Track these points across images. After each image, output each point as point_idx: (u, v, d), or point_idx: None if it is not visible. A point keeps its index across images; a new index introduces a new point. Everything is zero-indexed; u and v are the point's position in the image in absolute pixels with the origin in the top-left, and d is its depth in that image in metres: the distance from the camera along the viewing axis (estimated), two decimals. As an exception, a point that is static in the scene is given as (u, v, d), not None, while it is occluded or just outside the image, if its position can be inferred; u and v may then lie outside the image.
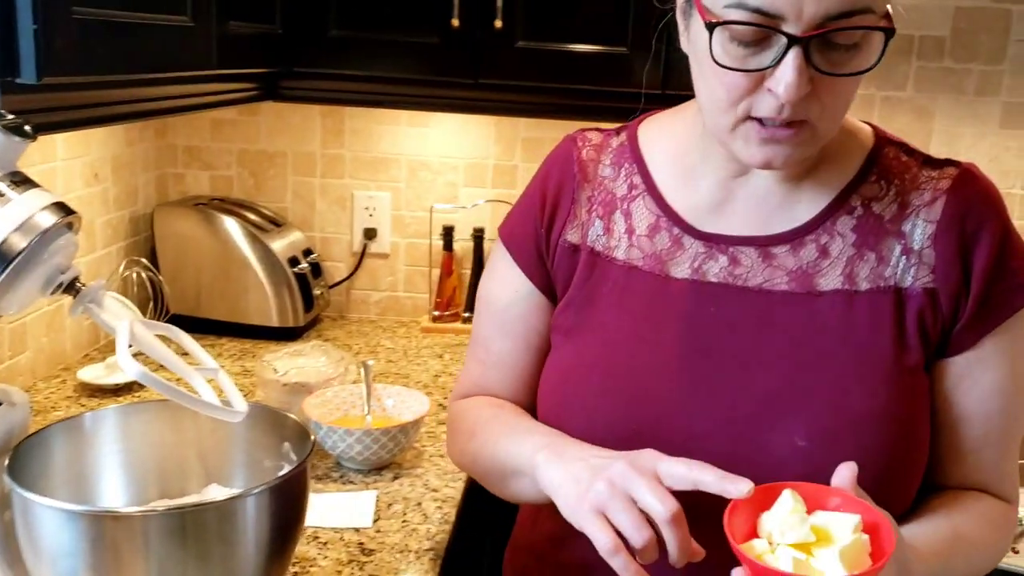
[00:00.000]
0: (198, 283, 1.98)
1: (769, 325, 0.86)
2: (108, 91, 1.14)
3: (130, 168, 1.99)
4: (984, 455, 0.90)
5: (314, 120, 2.14)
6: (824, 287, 0.85)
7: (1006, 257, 0.85)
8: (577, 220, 0.96)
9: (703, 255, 0.89)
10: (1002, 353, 0.87)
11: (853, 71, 0.77)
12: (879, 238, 0.86)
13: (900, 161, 0.88)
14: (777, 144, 0.80)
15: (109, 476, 0.94)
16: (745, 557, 0.70)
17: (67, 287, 0.86)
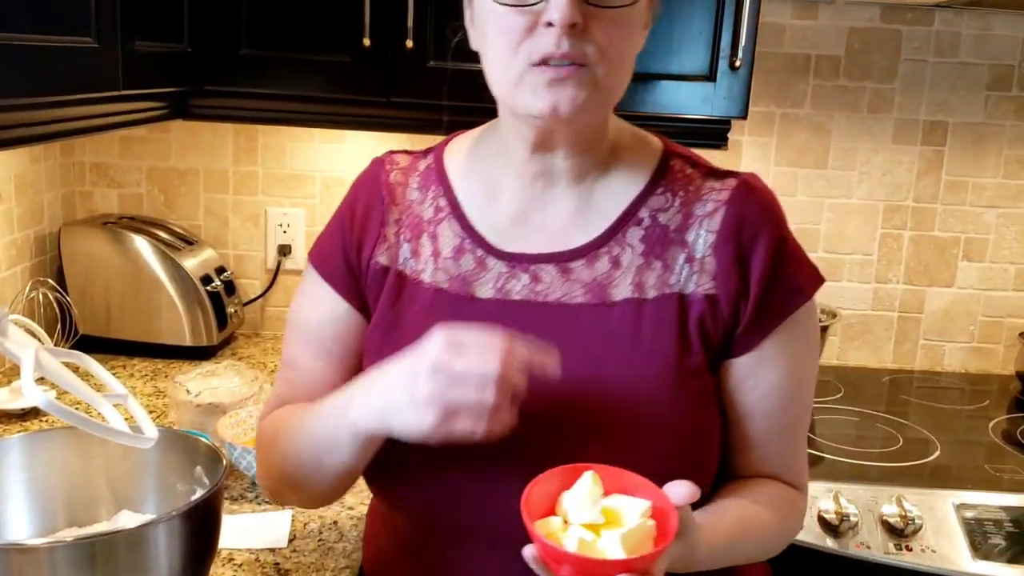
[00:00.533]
0: (108, 303, 1.95)
1: (569, 338, 0.87)
2: (11, 114, 1.12)
3: (35, 187, 1.95)
4: (771, 448, 0.95)
5: (227, 137, 2.13)
6: (616, 297, 0.89)
7: (781, 263, 0.90)
8: (387, 243, 0.97)
9: (506, 274, 0.92)
10: (781, 353, 0.92)
11: (615, 4, 0.83)
12: (665, 247, 0.90)
13: (685, 173, 0.93)
14: (561, 86, 0.83)
15: (15, 506, 0.93)
16: (534, 534, 0.73)
17: (-31, 317, 0.85)
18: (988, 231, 2.18)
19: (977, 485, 1.56)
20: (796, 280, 0.92)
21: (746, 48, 1.64)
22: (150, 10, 1.47)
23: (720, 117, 1.70)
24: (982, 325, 2.23)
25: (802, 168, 2.15)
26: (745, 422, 0.94)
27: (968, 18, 2.08)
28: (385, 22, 1.66)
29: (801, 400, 0.97)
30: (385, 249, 0.97)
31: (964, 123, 2.13)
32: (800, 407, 0.97)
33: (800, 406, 0.97)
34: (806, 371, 0.97)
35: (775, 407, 0.94)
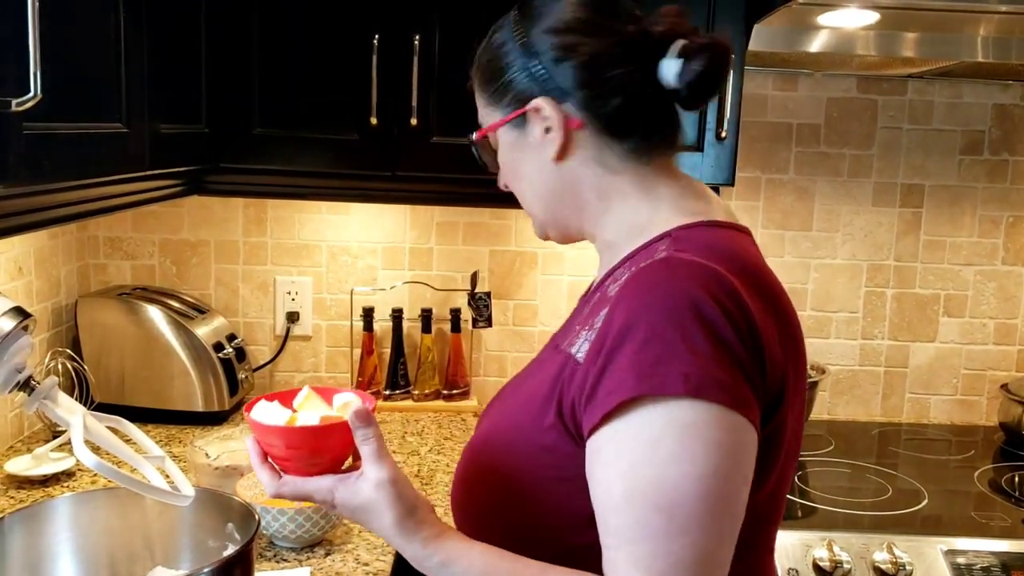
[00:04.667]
0: (122, 371, 2.01)
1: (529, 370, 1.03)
2: (51, 196, 1.21)
3: (52, 260, 2.03)
4: (610, 554, 0.81)
5: (237, 210, 2.22)
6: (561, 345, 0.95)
7: (626, 351, 0.80)
8: None
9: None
10: (612, 449, 0.81)
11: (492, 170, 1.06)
12: (596, 310, 0.89)
13: (655, 249, 0.90)
14: None
15: (63, 562, 0.99)
16: (250, 420, 0.93)
17: (23, 384, 0.92)
18: (966, 288, 2.28)
19: (965, 532, 1.62)
20: (629, 376, 0.79)
21: (731, 120, 1.75)
22: (172, 93, 1.57)
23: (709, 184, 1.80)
24: (964, 378, 2.31)
25: (788, 230, 2.25)
26: (598, 517, 0.83)
27: (939, 87, 2.20)
28: (391, 102, 1.77)
29: (638, 518, 0.79)
30: None
31: (939, 185, 2.24)
32: (637, 525, 0.79)
33: (637, 524, 0.79)
34: (648, 487, 0.78)
35: (602, 507, 0.82)
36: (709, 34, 0.93)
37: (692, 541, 0.78)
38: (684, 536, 0.77)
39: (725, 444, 0.79)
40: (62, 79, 1.13)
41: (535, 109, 0.94)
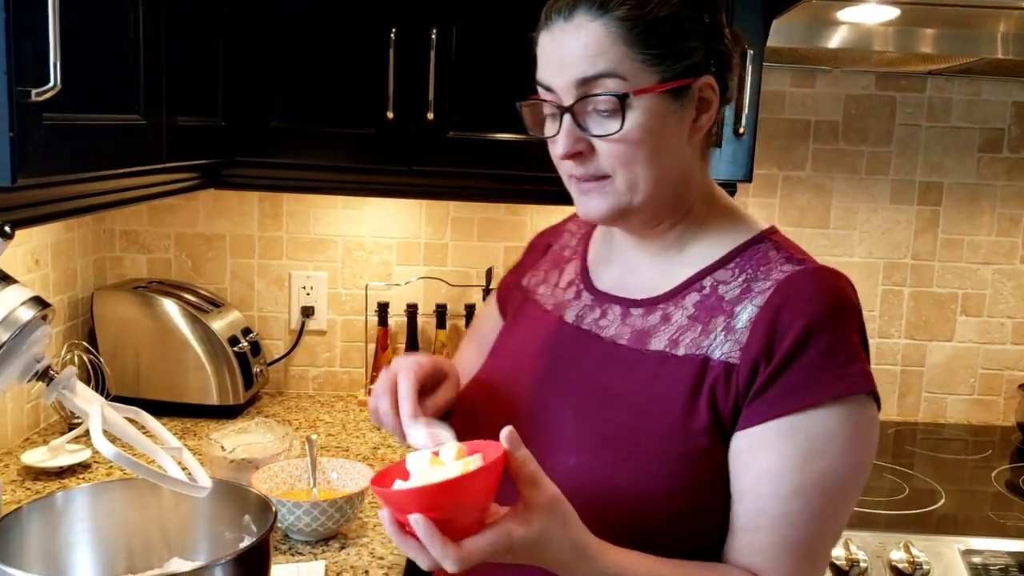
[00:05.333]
0: (138, 364, 2.02)
1: (604, 369, 0.97)
2: (69, 187, 1.21)
3: (68, 253, 2.04)
4: (757, 539, 0.89)
5: (252, 204, 2.22)
6: (652, 347, 0.95)
7: (810, 352, 0.87)
8: (534, 271, 1.16)
9: (587, 306, 1.04)
10: (786, 443, 0.88)
11: (608, 133, 0.90)
12: (712, 314, 0.93)
13: (765, 256, 0.95)
14: (587, 197, 0.95)
15: (80, 552, 0.99)
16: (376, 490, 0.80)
17: (41, 374, 0.93)
18: (985, 286, 2.26)
19: (982, 532, 1.61)
20: (822, 376, 0.87)
21: (749, 116, 1.74)
22: (190, 86, 1.57)
23: (726, 180, 1.79)
24: (982, 378, 2.29)
25: (805, 228, 2.24)
26: (736, 504, 0.91)
27: (959, 84, 2.18)
28: (408, 97, 1.76)
29: (806, 504, 0.88)
30: (530, 275, 1.16)
31: (958, 183, 2.22)
32: (803, 510, 0.88)
33: (804, 509, 0.88)
34: (820, 477, 0.88)
35: (765, 495, 0.88)
36: None
37: (838, 523, 0.91)
38: (834, 519, 0.91)
39: (876, 437, 0.92)
40: (81, 70, 1.13)
41: (707, 85, 0.92)
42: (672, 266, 1.00)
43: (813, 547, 0.90)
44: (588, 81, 0.89)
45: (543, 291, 1.12)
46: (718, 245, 0.98)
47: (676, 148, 0.93)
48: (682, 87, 0.91)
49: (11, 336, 0.86)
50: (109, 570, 0.99)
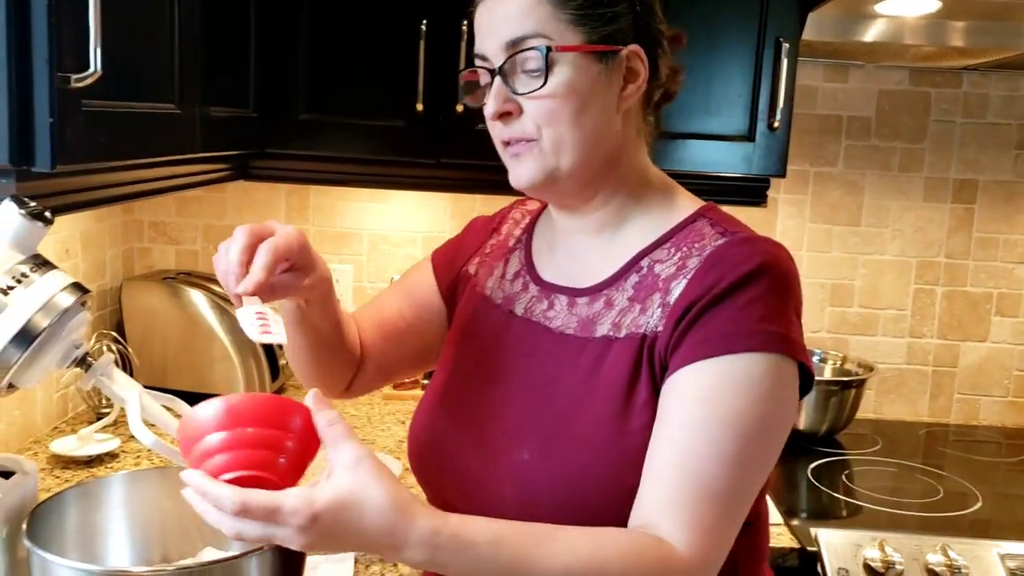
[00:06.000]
0: (165, 354, 2.02)
1: (552, 360, 0.98)
2: (103, 175, 1.21)
3: (98, 243, 2.04)
4: (658, 487, 0.85)
5: (279, 197, 2.22)
6: (597, 333, 0.96)
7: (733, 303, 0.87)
8: (479, 258, 1.15)
9: (535, 298, 1.04)
10: (702, 392, 0.86)
11: (533, 89, 0.91)
12: (649, 293, 0.94)
13: (700, 232, 0.96)
14: (517, 162, 0.95)
15: (116, 539, 0.99)
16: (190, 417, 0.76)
17: (79, 361, 0.92)
18: (1020, 286, 2.22)
19: (1021, 536, 1.58)
20: (744, 326, 0.87)
21: (784, 109, 1.72)
22: (222, 77, 1.57)
23: (759, 175, 1.77)
24: (1017, 380, 2.26)
25: (836, 225, 2.21)
26: (650, 449, 0.88)
27: (995, 80, 2.15)
28: (437, 88, 1.75)
29: (717, 456, 0.84)
30: (476, 263, 1.14)
31: (993, 181, 2.19)
32: (713, 463, 0.84)
33: (714, 462, 0.84)
34: (733, 415, 0.85)
35: (674, 441, 0.86)
36: None
37: (748, 473, 0.87)
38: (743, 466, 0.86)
39: (794, 403, 0.90)
40: (118, 58, 1.13)
41: (634, 54, 0.94)
42: (612, 250, 1.00)
43: (717, 491, 0.84)
44: (516, 43, 0.91)
45: (491, 284, 1.10)
46: (656, 225, 0.99)
47: (602, 113, 0.94)
48: (608, 52, 0.92)
49: (51, 322, 0.86)
50: (143, 558, 0.99)
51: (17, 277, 0.86)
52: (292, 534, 0.73)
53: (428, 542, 0.76)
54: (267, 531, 0.73)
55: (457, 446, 1.01)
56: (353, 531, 0.74)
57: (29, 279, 0.87)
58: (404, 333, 1.17)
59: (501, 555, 0.79)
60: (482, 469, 0.97)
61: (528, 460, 0.93)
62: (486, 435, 0.99)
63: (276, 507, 0.72)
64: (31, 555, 0.85)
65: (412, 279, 1.20)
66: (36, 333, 0.85)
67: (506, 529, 0.81)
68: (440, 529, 0.77)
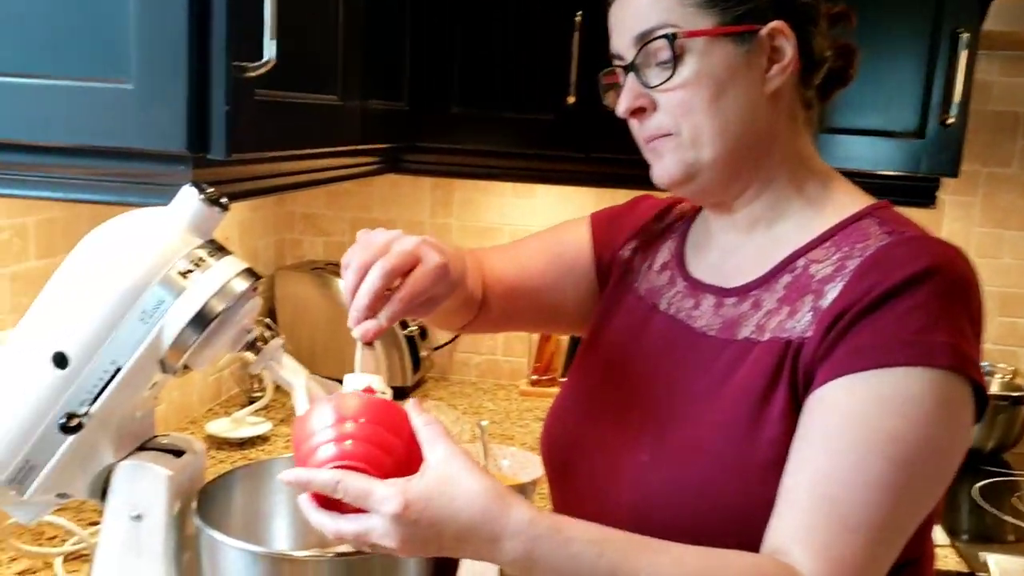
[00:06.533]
0: (313, 342, 2.07)
1: (685, 363, 0.92)
2: (267, 165, 1.23)
3: (252, 233, 2.11)
4: (793, 509, 0.78)
5: (424, 191, 2.24)
6: (739, 336, 0.89)
7: (892, 311, 0.79)
8: (635, 242, 1.09)
9: (681, 294, 0.98)
10: (848, 395, 0.79)
11: (664, 80, 0.87)
12: (800, 295, 0.87)
13: (865, 232, 0.87)
14: (657, 158, 0.92)
15: (278, 522, 1.00)
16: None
17: (250, 345, 0.94)
18: None
19: None
20: (903, 337, 0.78)
21: (960, 104, 1.61)
22: (379, 70, 1.59)
23: (928, 175, 1.67)
24: None
25: (1008, 230, 2.07)
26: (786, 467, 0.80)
27: None
28: (590, 81, 1.72)
29: (860, 463, 0.76)
30: (632, 247, 1.09)
31: None
32: (856, 491, 0.76)
33: (857, 490, 0.76)
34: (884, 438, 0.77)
35: (814, 463, 0.78)
36: None
37: (899, 507, 0.78)
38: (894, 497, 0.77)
39: (963, 427, 0.80)
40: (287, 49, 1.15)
41: (777, 32, 0.87)
42: (765, 247, 0.93)
43: (859, 521, 0.75)
44: (644, 35, 0.88)
45: (636, 268, 1.06)
46: (815, 222, 0.91)
47: (744, 98, 0.88)
48: (744, 33, 0.87)
49: (226, 306, 0.87)
50: (302, 542, 1.00)
51: (195, 261, 0.88)
52: (386, 525, 0.70)
53: (526, 532, 0.71)
54: (362, 525, 0.71)
55: (582, 445, 0.98)
56: (447, 519, 0.71)
57: (206, 263, 0.89)
58: (542, 292, 1.12)
59: (604, 555, 0.73)
60: (603, 470, 0.93)
61: (647, 463, 0.89)
62: (610, 434, 0.95)
63: (370, 490, 0.71)
64: (200, 533, 0.87)
65: (563, 239, 1.13)
66: (212, 317, 0.87)
67: (609, 532, 0.75)
68: (538, 520, 0.72)
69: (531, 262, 1.13)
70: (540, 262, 1.12)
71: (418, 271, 0.84)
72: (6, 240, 1.30)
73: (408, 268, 0.83)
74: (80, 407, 0.87)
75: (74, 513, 1.40)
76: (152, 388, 0.93)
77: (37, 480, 0.89)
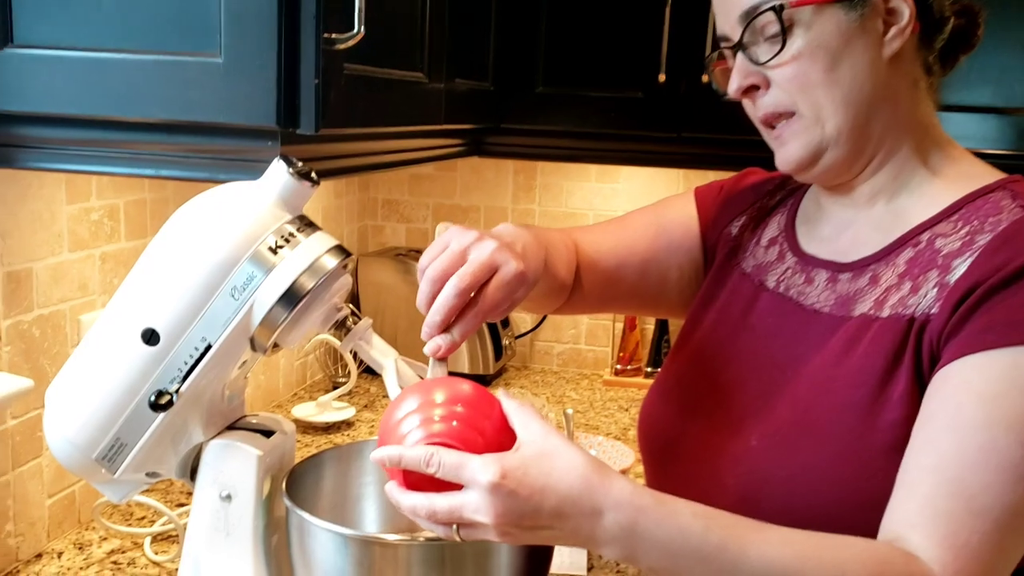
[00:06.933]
0: (396, 328, 2.06)
1: (795, 343, 0.88)
2: (356, 144, 1.21)
3: (337, 219, 2.11)
4: (913, 494, 0.73)
5: (507, 176, 2.21)
6: (855, 312, 0.85)
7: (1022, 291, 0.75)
8: (742, 219, 1.04)
9: (791, 270, 0.94)
10: (977, 373, 0.74)
11: (774, 55, 0.83)
12: (924, 270, 0.82)
13: (996, 205, 0.83)
14: (781, 143, 0.87)
15: (367, 505, 0.98)
16: None
17: (339, 324, 0.91)
18: None
19: None
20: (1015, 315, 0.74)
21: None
22: (465, 49, 1.56)
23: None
24: None
25: None
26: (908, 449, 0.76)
27: None
28: (681, 57, 1.67)
29: (990, 465, 0.71)
30: (740, 223, 1.04)
31: None
32: (983, 473, 0.72)
33: (984, 472, 0.72)
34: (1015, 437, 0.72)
35: (938, 444, 0.74)
36: None
37: None
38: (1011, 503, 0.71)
39: None
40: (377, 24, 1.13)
41: None
42: (885, 221, 0.88)
43: (985, 505, 0.70)
44: (750, 12, 0.84)
45: (744, 245, 1.01)
46: (941, 194, 0.86)
47: (862, 65, 0.83)
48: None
49: (316, 284, 0.85)
50: (392, 525, 0.98)
51: (285, 237, 0.86)
52: (482, 497, 0.66)
53: (629, 502, 0.67)
54: (456, 500, 0.68)
55: (683, 429, 0.94)
56: (546, 489, 0.67)
57: (296, 239, 0.87)
58: (645, 271, 1.06)
59: (712, 531, 0.69)
60: (707, 455, 0.89)
61: (756, 447, 0.85)
62: (715, 418, 0.91)
63: (465, 462, 0.67)
64: (290, 514, 0.85)
65: (668, 215, 1.09)
66: (302, 294, 0.85)
67: (715, 510, 0.71)
68: (641, 491, 0.68)
69: (635, 239, 1.08)
70: (645, 239, 1.07)
71: (494, 283, 0.81)
72: (97, 221, 1.31)
73: (484, 280, 0.80)
74: (170, 384, 0.86)
75: (163, 494, 1.41)
76: (242, 367, 0.92)
77: (128, 458, 0.88)
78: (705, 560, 0.69)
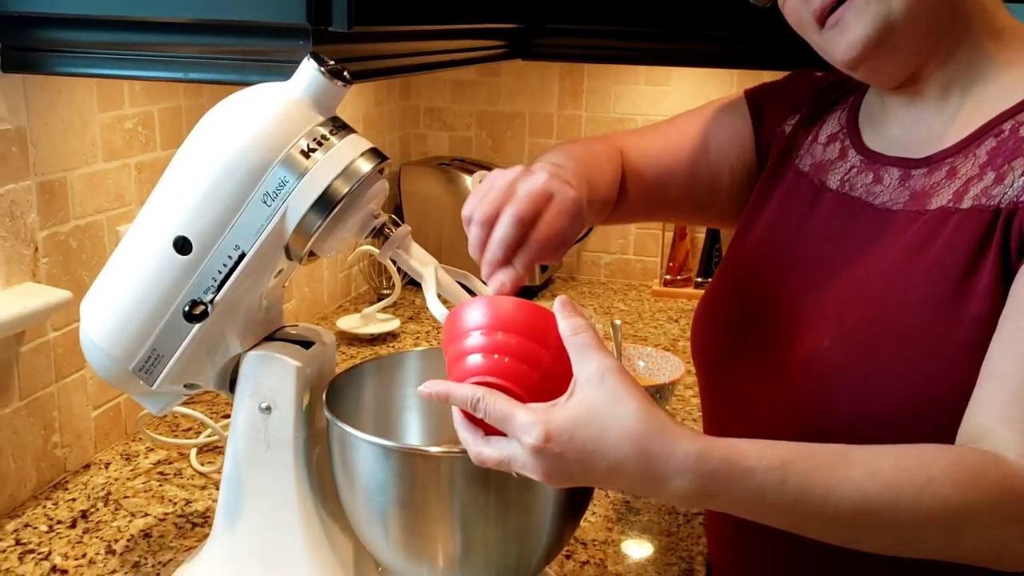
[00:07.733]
0: (440, 238, 2.02)
1: (867, 243, 0.83)
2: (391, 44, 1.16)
3: (377, 128, 2.06)
4: (999, 387, 0.68)
5: (552, 81, 2.13)
6: (932, 206, 0.79)
7: None
8: (796, 117, 0.98)
9: (856, 169, 0.88)
10: None
11: None
12: (1009, 159, 0.76)
13: None
14: (840, 31, 0.79)
15: (409, 416, 0.96)
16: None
17: (377, 231, 0.88)
18: None
19: None
20: None
21: None
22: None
23: None
24: None
25: None
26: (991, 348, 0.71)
27: None
28: (737, -51, 1.56)
29: None
30: (794, 121, 0.98)
31: None
32: None
33: None
34: None
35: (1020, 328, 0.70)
36: None
37: None
38: None
39: None
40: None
41: None
42: (961, 113, 0.81)
43: None
44: None
45: (799, 143, 0.95)
46: (1020, 82, 0.80)
47: None
48: None
49: (351, 188, 0.81)
50: (434, 439, 0.96)
51: (318, 139, 0.82)
52: (527, 457, 0.63)
53: (696, 468, 0.62)
54: (504, 452, 0.65)
55: (743, 339, 0.89)
56: (596, 454, 0.63)
57: (329, 142, 0.82)
58: (696, 175, 1.01)
59: (789, 480, 0.63)
60: (770, 363, 0.85)
61: (828, 347, 0.80)
62: (777, 325, 0.86)
63: (511, 415, 0.64)
64: (331, 426, 0.83)
65: (719, 116, 1.03)
66: (337, 200, 0.81)
67: (788, 451, 0.65)
68: (708, 452, 0.62)
69: (683, 142, 1.02)
70: (693, 141, 1.02)
71: (551, 211, 0.76)
72: (131, 129, 1.27)
73: (540, 209, 0.76)
74: (205, 294, 0.83)
75: (208, 406, 1.41)
76: (278, 276, 0.89)
77: (165, 369, 0.86)
78: (787, 511, 0.64)
